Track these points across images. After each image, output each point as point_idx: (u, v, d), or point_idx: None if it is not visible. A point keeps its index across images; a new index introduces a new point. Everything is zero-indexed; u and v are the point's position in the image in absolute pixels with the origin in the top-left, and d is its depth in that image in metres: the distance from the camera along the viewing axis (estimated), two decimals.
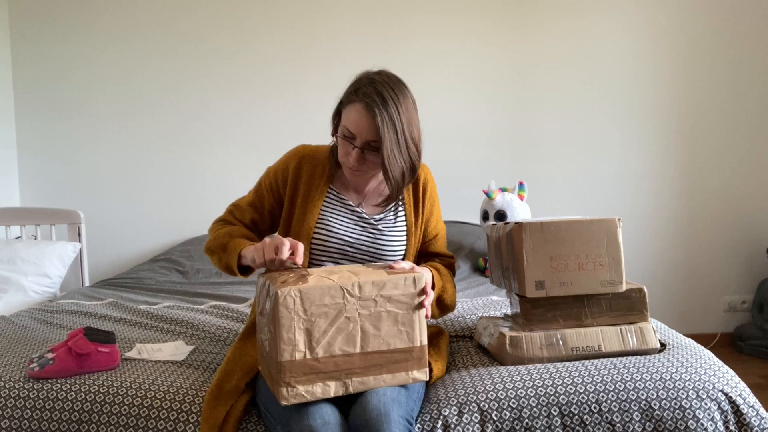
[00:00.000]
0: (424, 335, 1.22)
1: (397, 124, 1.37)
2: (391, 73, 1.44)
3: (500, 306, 1.97)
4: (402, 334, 1.20)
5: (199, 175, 3.25)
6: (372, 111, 1.35)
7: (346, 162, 1.42)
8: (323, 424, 1.13)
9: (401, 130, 1.37)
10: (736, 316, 3.39)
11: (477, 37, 3.28)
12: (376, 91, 1.36)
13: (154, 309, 2.06)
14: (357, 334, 1.18)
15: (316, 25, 3.24)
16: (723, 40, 3.29)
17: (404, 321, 1.21)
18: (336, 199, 1.51)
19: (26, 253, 2.64)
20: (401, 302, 1.20)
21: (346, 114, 1.40)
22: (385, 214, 1.53)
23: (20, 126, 3.24)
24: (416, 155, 1.43)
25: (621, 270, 1.43)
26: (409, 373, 1.22)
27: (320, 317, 1.15)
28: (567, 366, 1.37)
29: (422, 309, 1.22)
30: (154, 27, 3.22)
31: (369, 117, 1.35)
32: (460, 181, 3.24)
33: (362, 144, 1.38)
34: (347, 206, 1.51)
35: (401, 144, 1.38)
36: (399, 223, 1.53)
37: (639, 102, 3.31)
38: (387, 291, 1.20)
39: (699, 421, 1.26)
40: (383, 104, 1.35)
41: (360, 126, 1.37)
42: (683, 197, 3.35)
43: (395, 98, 1.37)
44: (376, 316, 1.19)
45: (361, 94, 1.37)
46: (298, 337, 1.14)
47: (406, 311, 1.21)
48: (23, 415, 1.33)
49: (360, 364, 1.18)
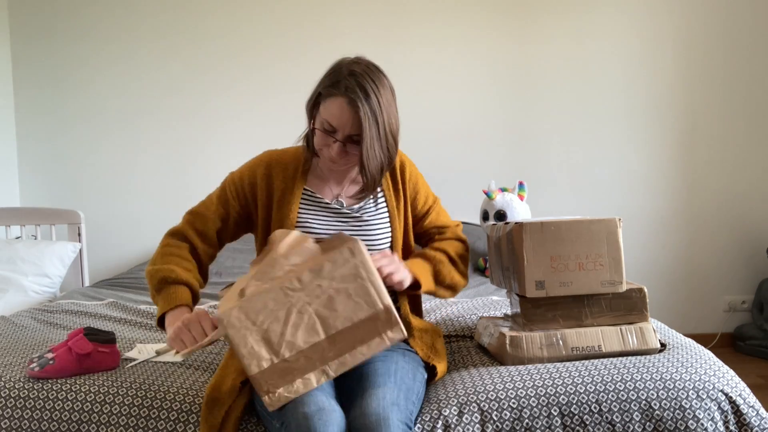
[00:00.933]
0: (384, 295, 1.19)
1: (379, 118, 1.34)
2: (369, 61, 1.40)
3: (500, 306, 1.97)
4: (360, 304, 1.18)
5: (199, 175, 3.25)
6: (355, 106, 1.32)
7: (326, 154, 1.40)
8: (317, 410, 1.13)
9: (383, 123, 1.35)
10: (736, 316, 3.39)
11: (477, 37, 3.28)
12: (358, 84, 1.33)
13: (154, 309, 2.05)
14: (315, 322, 1.17)
15: (316, 26, 3.24)
16: (723, 40, 3.29)
17: (357, 292, 1.18)
18: (312, 199, 1.49)
19: (26, 253, 2.64)
20: (346, 276, 1.18)
21: (327, 107, 1.36)
22: (365, 202, 1.51)
23: (20, 126, 3.24)
24: (394, 148, 1.41)
25: (621, 270, 1.43)
26: (384, 336, 1.19)
27: (272, 322, 1.15)
28: (567, 366, 1.37)
29: (373, 275, 1.19)
30: (155, 27, 3.22)
31: (352, 112, 1.33)
32: (460, 181, 3.24)
33: (344, 138, 1.36)
34: (323, 204, 1.49)
35: (382, 138, 1.36)
36: (380, 208, 1.51)
37: (639, 102, 3.31)
38: (327, 272, 1.17)
39: (699, 421, 1.26)
40: (366, 98, 1.32)
41: (342, 120, 1.34)
42: (683, 197, 3.35)
43: (376, 90, 1.34)
44: (326, 299, 1.17)
45: (342, 87, 1.34)
46: (258, 348, 1.14)
47: (354, 282, 1.18)
48: (23, 415, 1.33)
49: (331, 348, 1.17)
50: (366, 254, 1.20)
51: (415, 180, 1.55)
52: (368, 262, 1.19)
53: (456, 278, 1.54)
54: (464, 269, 1.57)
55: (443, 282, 1.51)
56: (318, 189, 1.51)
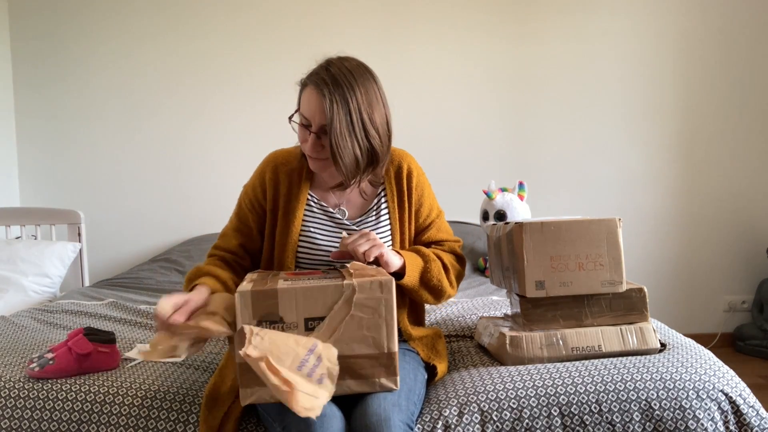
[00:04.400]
0: (393, 342, 1.16)
1: (351, 106, 1.29)
2: (355, 60, 1.38)
3: (500, 306, 1.97)
4: (367, 339, 1.16)
5: (199, 174, 3.25)
6: (321, 92, 1.29)
7: (305, 150, 1.37)
8: (319, 416, 1.12)
9: (356, 110, 1.29)
10: (736, 316, 3.39)
11: (477, 37, 3.28)
12: (329, 73, 1.31)
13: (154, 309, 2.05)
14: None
15: (316, 25, 3.24)
16: (723, 40, 3.29)
17: (369, 326, 1.16)
18: (316, 206, 1.47)
19: (26, 253, 2.64)
20: (366, 306, 1.15)
21: (302, 99, 1.36)
22: (366, 215, 1.47)
23: (20, 126, 3.24)
24: (378, 139, 1.34)
25: (621, 270, 1.43)
26: (377, 380, 1.17)
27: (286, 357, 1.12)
28: (567, 366, 1.37)
29: (392, 318, 1.16)
30: (154, 27, 3.22)
31: (318, 99, 1.30)
32: (460, 181, 3.25)
33: (317, 129, 1.33)
34: (327, 213, 1.46)
35: (355, 125, 1.30)
36: (382, 223, 1.47)
37: (639, 102, 3.31)
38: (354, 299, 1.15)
39: (699, 421, 1.26)
40: (334, 85, 1.29)
41: (312, 109, 1.32)
42: (683, 197, 3.35)
43: (350, 81, 1.30)
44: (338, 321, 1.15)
45: (313, 75, 1.33)
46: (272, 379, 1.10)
47: (371, 316, 1.16)
48: (23, 415, 1.33)
49: None
50: (393, 296, 1.17)
51: (421, 190, 1.50)
52: (392, 304, 1.17)
53: (444, 282, 1.44)
54: (454, 279, 1.50)
55: (429, 281, 1.42)
56: (321, 194, 1.49)
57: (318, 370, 1.12)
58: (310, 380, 1.10)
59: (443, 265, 1.47)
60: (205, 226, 3.21)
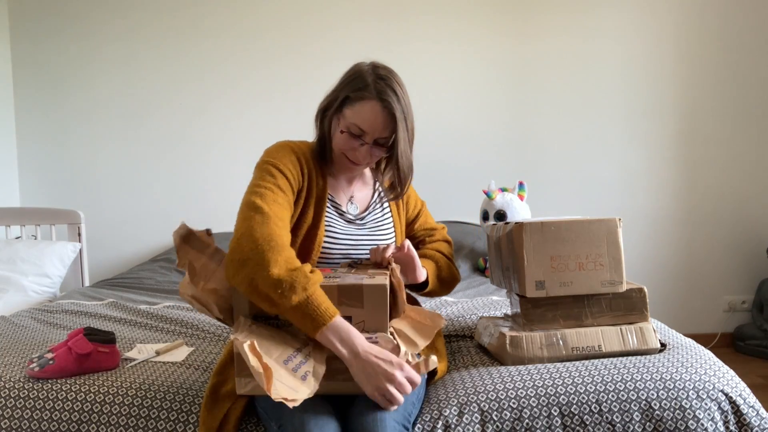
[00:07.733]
0: None
1: (407, 120, 1.39)
2: (386, 65, 1.44)
3: (500, 306, 1.97)
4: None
5: (200, 174, 3.25)
6: (391, 109, 1.35)
7: (353, 158, 1.41)
8: (315, 416, 1.13)
9: (411, 124, 1.41)
10: (736, 316, 3.39)
11: (477, 37, 3.28)
12: (389, 87, 1.36)
13: (154, 309, 2.06)
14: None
15: (317, 24, 3.24)
16: (723, 39, 3.29)
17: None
18: (333, 206, 1.48)
19: (26, 253, 2.64)
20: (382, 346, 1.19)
21: (357, 111, 1.37)
22: (372, 209, 1.54)
23: (20, 126, 3.24)
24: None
25: (621, 270, 1.43)
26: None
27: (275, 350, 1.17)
28: (567, 366, 1.37)
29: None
30: (154, 27, 3.22)
31: (386, 115, 1.36)
32: (460, 181, 3.25)
33: (374, 140, 1.39)
34: (341, 212, 1.49)
35: (410, 139, 1.41)
36: (386, 214, 1.55)
37: (639, 102, 3.31)
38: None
39: (699, 421, 1.26)
40: (398, 101, 1.36)
41: (375, 124, 1.36)
42: (683, 197, 3.35)
43: (402, 93, 1.39)
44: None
45: (374, 90, 1.36)
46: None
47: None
48: (23, 415, 1.33)
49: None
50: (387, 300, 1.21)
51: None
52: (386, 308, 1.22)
53: (454, 272, 1.60)
54: (455, 267, 1.64)
55: (444, 280, 1.56)
56: (335, 192, 1.51)
57: (303, 367, 1.14)
58: (293, 375, 1.12)
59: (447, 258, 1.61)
60: (205, 226, 3.20)
